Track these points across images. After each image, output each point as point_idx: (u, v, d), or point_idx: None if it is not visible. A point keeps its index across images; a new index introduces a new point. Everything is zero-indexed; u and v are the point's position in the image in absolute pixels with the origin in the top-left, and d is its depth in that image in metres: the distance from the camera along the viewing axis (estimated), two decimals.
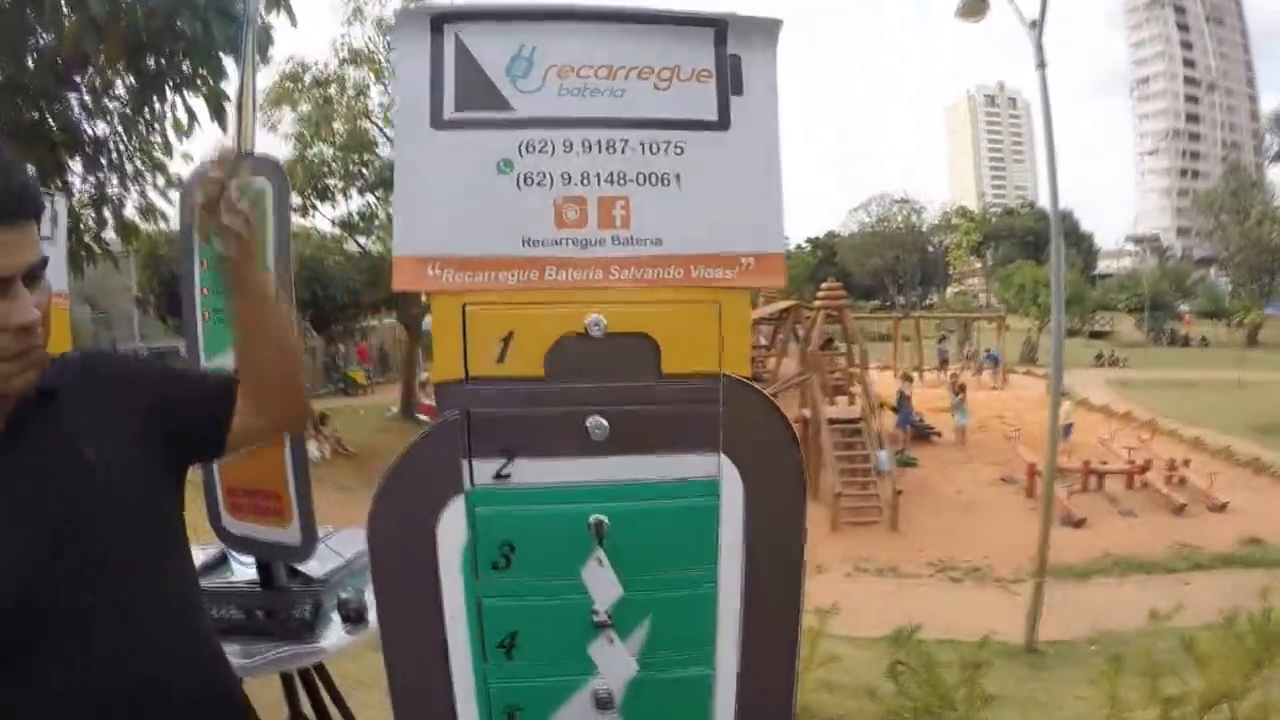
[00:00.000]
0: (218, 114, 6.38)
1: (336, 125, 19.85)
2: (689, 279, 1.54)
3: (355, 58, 19.82)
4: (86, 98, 6.15)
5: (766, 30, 1.61)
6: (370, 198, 21.89)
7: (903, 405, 22.28)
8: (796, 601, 1.65)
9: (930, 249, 68.78)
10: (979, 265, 69.85)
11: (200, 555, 2.94)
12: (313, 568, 2.88)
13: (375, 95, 20.36)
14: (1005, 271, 55.75)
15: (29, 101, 6.05)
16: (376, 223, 22.44)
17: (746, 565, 1.60)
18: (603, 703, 1.60)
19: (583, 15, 1.56)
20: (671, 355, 1.53)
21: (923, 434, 22.67)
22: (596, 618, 1.57)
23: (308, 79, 19.71)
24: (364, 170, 20.61)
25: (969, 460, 20.77)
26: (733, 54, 1.59)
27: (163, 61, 5.67)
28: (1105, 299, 58.55)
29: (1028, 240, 63.35)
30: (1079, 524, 14.94)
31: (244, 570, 2.91)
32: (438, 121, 1.50)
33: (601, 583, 1.53)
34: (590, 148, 1.52)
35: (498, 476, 1.48)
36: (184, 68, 5.75)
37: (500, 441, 1.48)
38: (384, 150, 20.79)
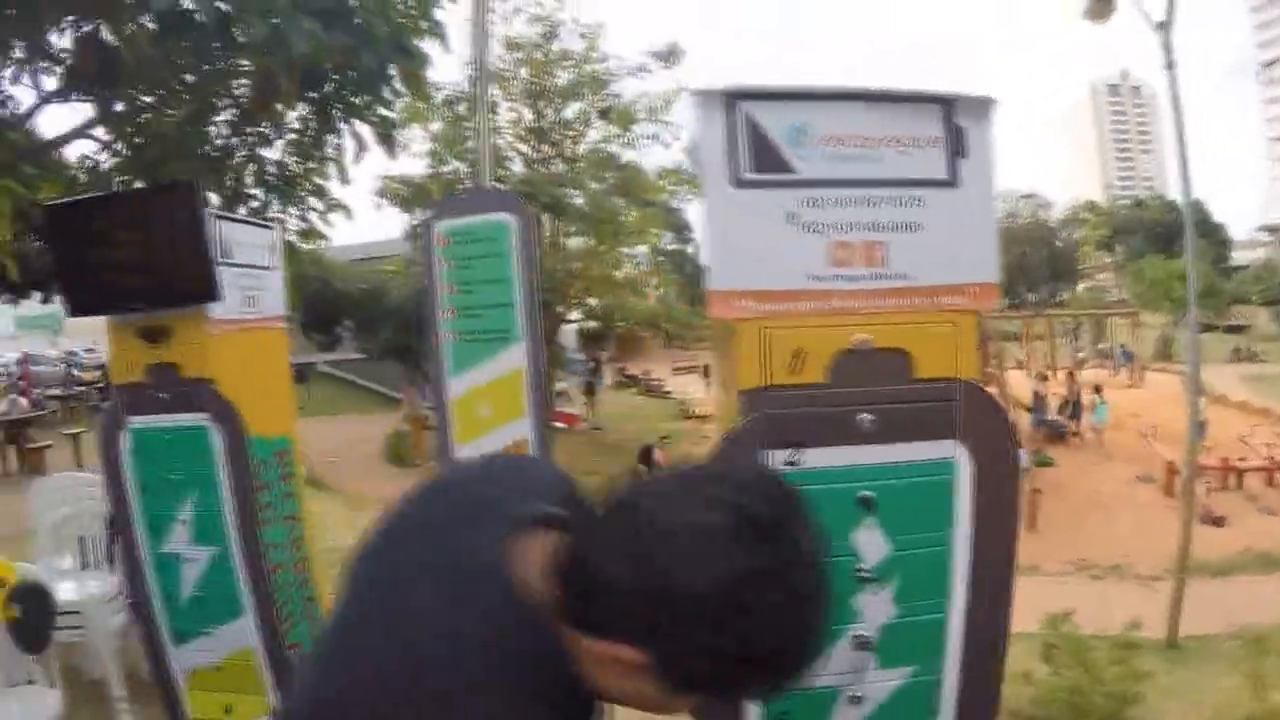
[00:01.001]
0: (385, 141, 6.90)
1: (471, 143, 20.54)
2: (931, 305, 1.99)
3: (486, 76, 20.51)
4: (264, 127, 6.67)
5: (984, 105, 2.05)
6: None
7: (1038, 405, 22.04)
8: (1011, 555, 2.09)
9: (1058, 244, 67.12)
10: (1109, 260, 67.85)
11: None
12: None
13: (504, 112, 21.04)
14: (1136, 266, 53.97)
15: (217, 132, 6.65)
16: None
17: (973, 527, 2.03)
18: (861, 644, 2.01)
19: (844, 95, 2.00)
20: (920, 364, 1.98)
21: (1058, 433, 22.34)
22: (862, 574, 1.98)
23: (439, 98, 20.43)
24: (499, 185, 21.32)
25: (1105, 459, 20.40)
26: (958, 125, 2.02)
27: (338, 92, 6.05)
28: (1239, 291, 56.07)
29: (1158, 233, 61.07)
30: (1219, 522, 14.57)
31: None
32: (736, 181, 1.94)
33: (871, 545, 1.97)
34: (855, 202, 1.96)
35: (788, 463, 1.89)
36: (354, 98, 6.08)
37: (791, 435, 1.89)
38: (515, 166, 21.47)
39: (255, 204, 7.08)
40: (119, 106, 6.33)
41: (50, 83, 6.40)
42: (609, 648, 0.88)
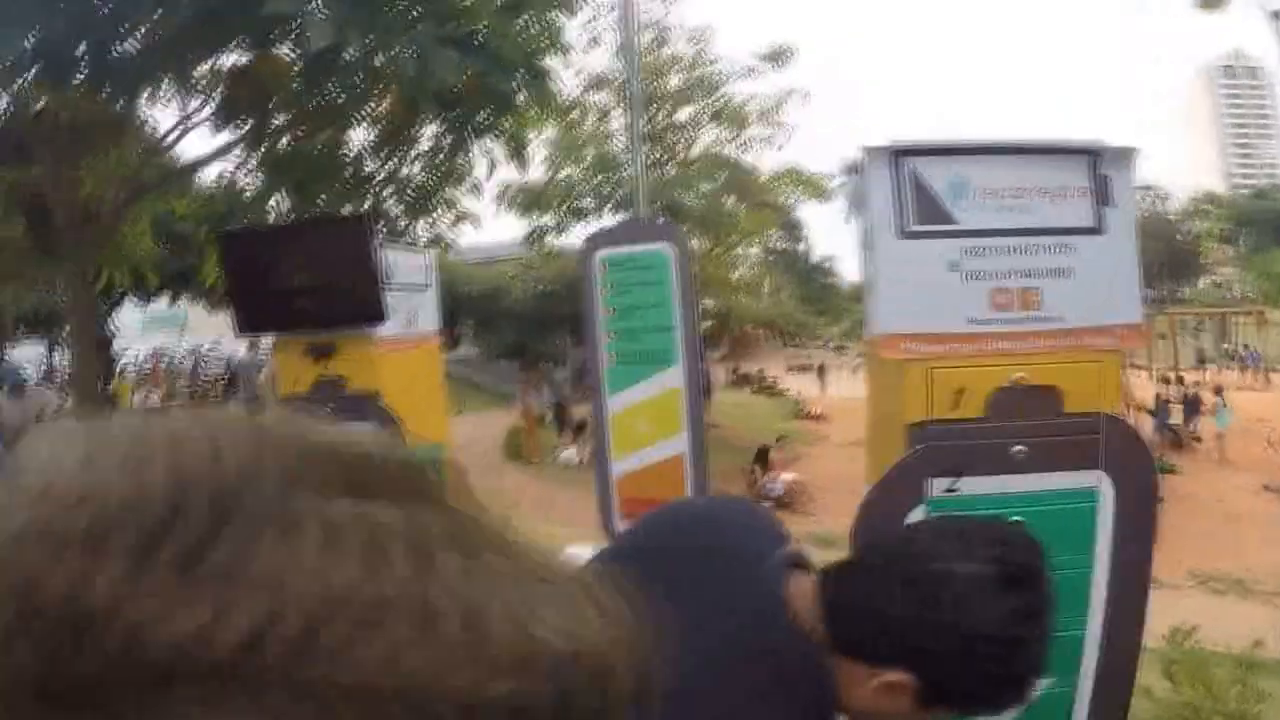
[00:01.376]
0: (516, 156, 7.18)
1: (586, 151, 20.80)
2: (1081, 345, 2.15)
3: (597, 83, 20.75)
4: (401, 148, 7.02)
5: (1126, 155, 2.21)
6: (624, 215, 23.06)
7: (1161, 409, 21.44)
8: (1145, 577, 2.25)
9: (1179, 239, 64.73)
10: (1231, 254, 65.11)
11: None
12: None
13: (616, 118, 21.29)
14: (1260, 260, 51.67)
15: (357, 154, 7.02)
16: None
17: (1112, 550, 2.18)
18: None
19: (999, 150, 2.18)
20: (1069, 400, 2.14)
21: (1180, 439, 21.67)
22: None
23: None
24: (616, 190, 21.63)
25: (1228, 467, 19.75)
26: (1103, 174, 2.18)
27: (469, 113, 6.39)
28: None
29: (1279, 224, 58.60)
30: None
31: None
32: (901, 232, 2.14)
33: None
34: (1011, 250, 2.13)
35: (948, 490, 2.07)
36: (485, 117, 6.47)
37: (951, 465, 2.07)
38: (629, 171, 21.69)
39: (392, 218, 7.45)
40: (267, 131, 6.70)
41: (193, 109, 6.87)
42: (881, 673, 1.06)
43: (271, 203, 7.82)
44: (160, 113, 7.31)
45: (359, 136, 6.97)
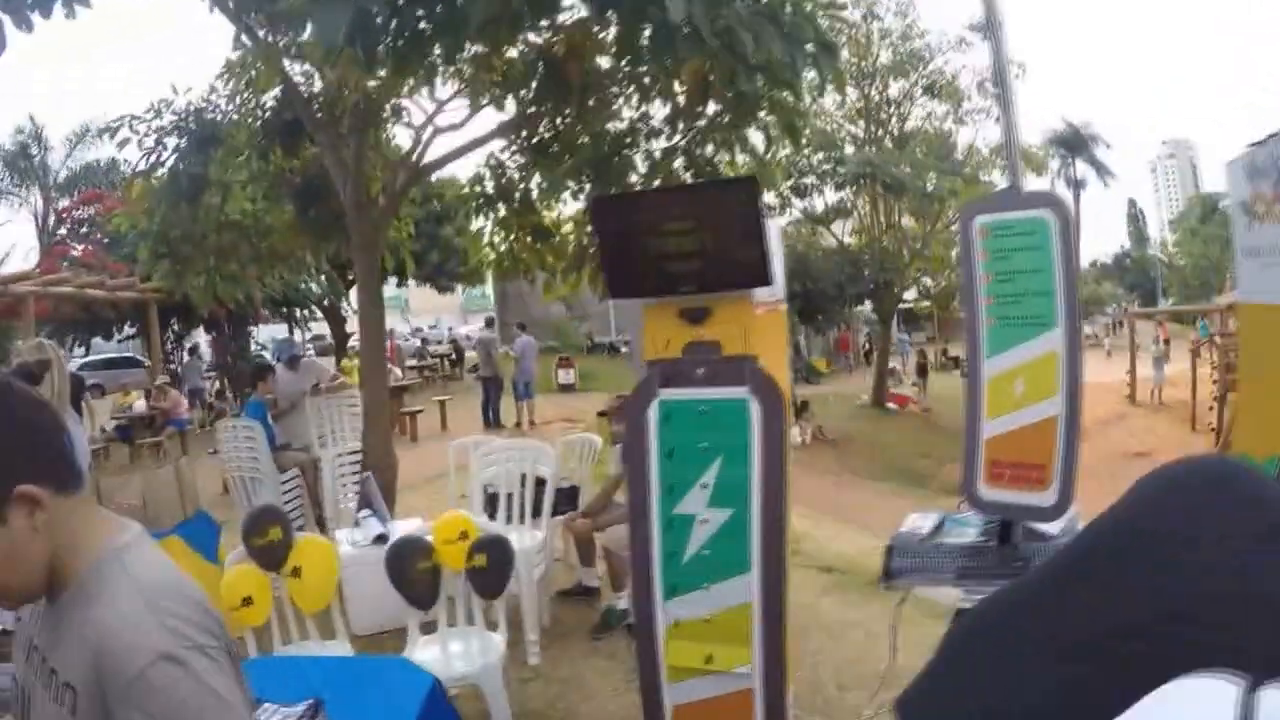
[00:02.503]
0: (791, 132, 7.16)
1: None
2: None
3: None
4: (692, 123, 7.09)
5: None
6: (845, 193, 23.01)
7: None
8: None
9: None
10: None
11: None
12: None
13: (830, 98, 21.14)
14: None
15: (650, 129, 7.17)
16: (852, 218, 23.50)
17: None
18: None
19: None
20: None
21: None
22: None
23: None
24: (838, 168, 21.53)
25: None
26: None
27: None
28: None
29: None
30: None
31: None
32: None
33: None
34: None
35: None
36: (771, 91, 6.27)
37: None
38: (847, 148, 21.54)
39: None
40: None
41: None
42: None
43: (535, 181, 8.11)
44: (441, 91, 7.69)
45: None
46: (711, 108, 6.83)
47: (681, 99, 6.65)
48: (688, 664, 3.49)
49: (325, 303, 25.56)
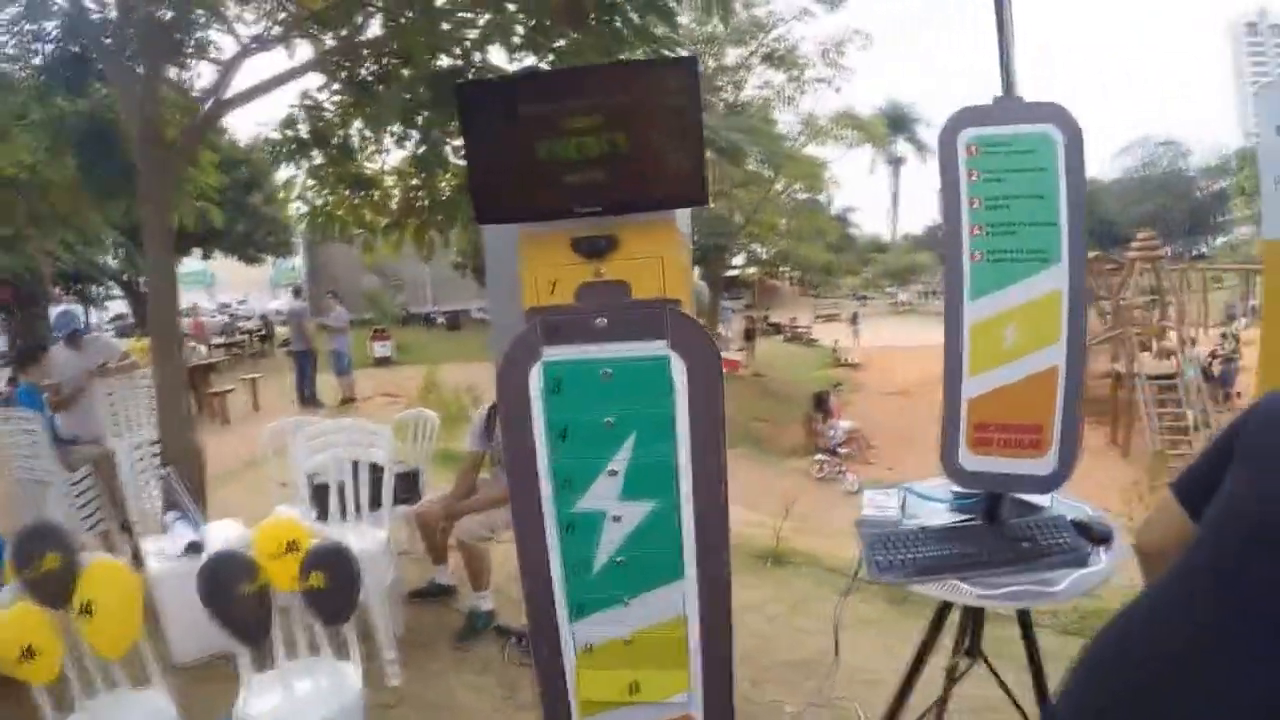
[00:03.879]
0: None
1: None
2: None
3: None
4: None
5: None
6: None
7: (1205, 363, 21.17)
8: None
9: (1198, 194, 64.10)
10: (1249, 213, 64.48)
11: None
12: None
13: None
14: None
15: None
16: None
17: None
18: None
19: None
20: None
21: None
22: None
23: None
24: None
25: None
26: None
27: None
28: None
29: None
30: None
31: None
32: None
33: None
34: None
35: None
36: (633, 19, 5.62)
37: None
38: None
39: None
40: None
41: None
42: None
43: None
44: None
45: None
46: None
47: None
48: (606, 697, 2.87)
49: (125, 278, 23.67)
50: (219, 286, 45.75)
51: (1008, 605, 2.60)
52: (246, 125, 37.12)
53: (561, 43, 5.62)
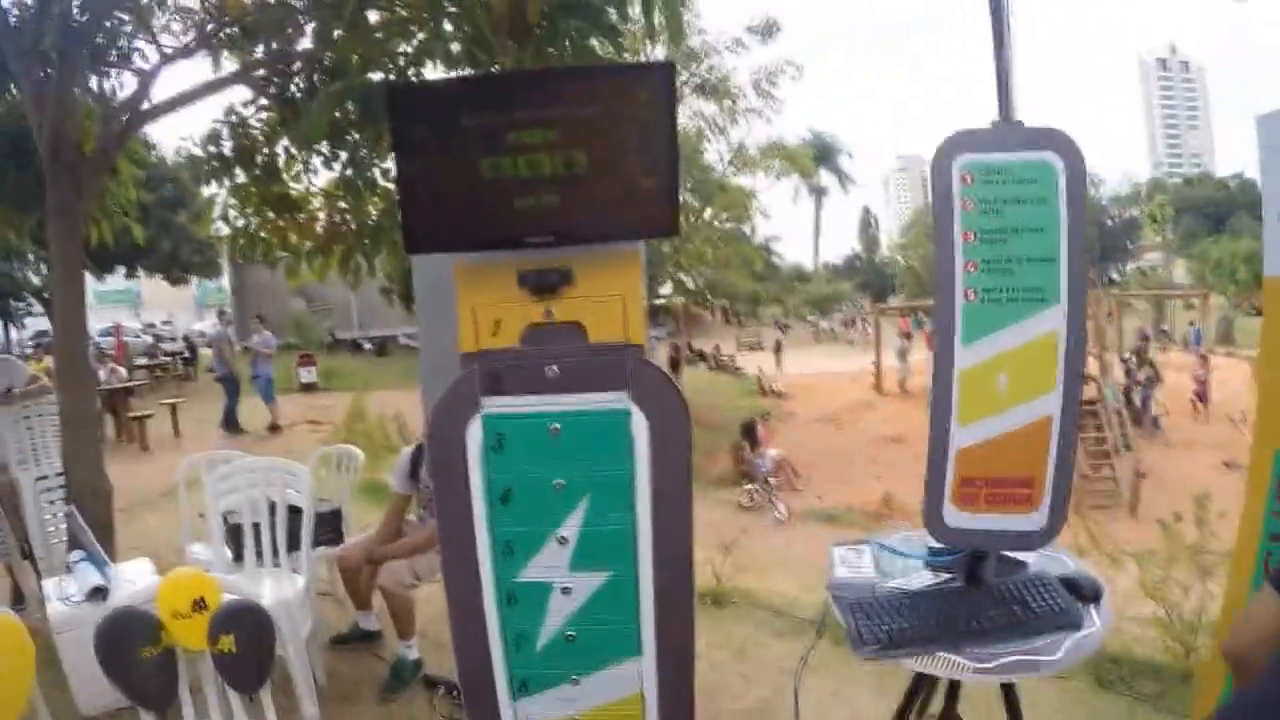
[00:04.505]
0: None
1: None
2: None
3: None
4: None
5: None
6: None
7: (1125, 387, 21.67)
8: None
9: (1109, 223, 65.95)
10: (1158, 240, 66.48)
11: None
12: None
13: None
14: (1199, 246, 52.79)
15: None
16: None
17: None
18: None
19: None
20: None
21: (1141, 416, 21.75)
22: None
23: None
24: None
25: (1185, 444, 19.89)
26: None
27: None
28: None
29: (1208, 212, 60.05)
30: None
31: None
32: None
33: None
34: None
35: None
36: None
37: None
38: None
39: None
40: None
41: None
42: None
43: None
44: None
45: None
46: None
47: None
48: None
49: (46, 295, 22.81)
50: (144, 306, 44.80)
51: (1005, 678, 2.36)
52: (174, 140, 36.13)
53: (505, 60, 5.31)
